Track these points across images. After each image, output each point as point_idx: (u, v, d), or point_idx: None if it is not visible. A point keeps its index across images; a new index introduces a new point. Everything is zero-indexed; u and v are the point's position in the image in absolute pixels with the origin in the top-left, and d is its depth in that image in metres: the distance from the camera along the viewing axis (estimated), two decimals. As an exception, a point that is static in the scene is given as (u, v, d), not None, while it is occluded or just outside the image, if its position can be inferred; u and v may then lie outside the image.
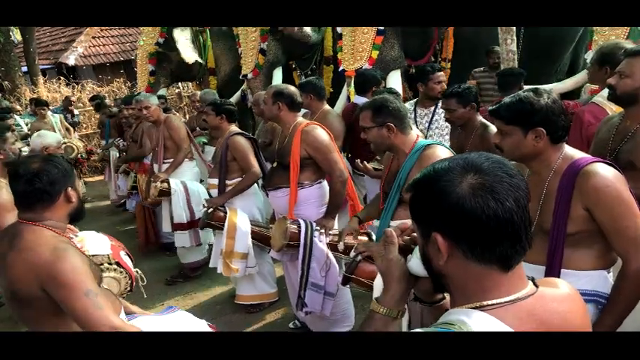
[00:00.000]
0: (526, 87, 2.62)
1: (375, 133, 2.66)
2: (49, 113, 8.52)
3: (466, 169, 1.01)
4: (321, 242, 3.39)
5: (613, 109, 3.08)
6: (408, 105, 4.43)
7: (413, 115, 4.30)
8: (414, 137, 2.68)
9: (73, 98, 9.03)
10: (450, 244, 1.02)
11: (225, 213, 4.02)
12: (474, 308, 1.02)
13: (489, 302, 1.01)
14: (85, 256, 2.09)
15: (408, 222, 1.26)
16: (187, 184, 4.99)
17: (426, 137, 4.13)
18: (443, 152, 2.59)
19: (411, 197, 1.10)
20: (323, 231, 3.41)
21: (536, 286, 1.07)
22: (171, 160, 5.18)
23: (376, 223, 2.89)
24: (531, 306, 1.02)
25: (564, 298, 1.07)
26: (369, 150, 3.09)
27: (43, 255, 1.91)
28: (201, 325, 2.37)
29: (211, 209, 4.05)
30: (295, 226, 3.38)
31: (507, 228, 0.98)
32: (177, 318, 2.40)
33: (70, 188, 2.08)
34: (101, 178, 9.56)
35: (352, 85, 5.56)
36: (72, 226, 2.96)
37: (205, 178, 5.06)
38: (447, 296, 1.20)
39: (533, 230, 2.03)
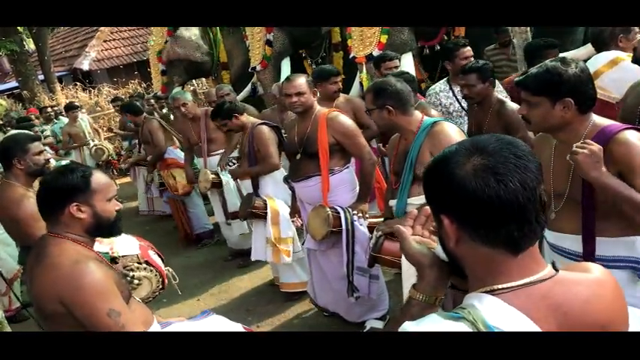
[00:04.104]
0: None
1: (376, 114, 2.78)
2: (79, 117, 8.65)
3: (471, 151, 1.02)
4: (362, 226, 3.40)
5: None
6: (442, 84, 4.35)
7: (451, 94, 4.25)
8: (419, 116, 2.78)
9: (76, 103, 9.12)
10: (457, 226, 1.03)
11: (264, 202, 4.10)
12: (485, 292, 1.02)
13: (501, 286, 1.01)
14: (111, 268, 2.03)
15: (414, 210, 1.29)
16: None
17: (467, 112, 4.13)
18: (451, 128, 2.69)
19: (423, 182, 1.11)
20: (361, 215, 3.42)
21: (556, 270, 1.05)
22: (218, 152, 5.39)
23: (392, 202, 2.92)
24: (546, 290, 1.01)
25: (591, 283, 1.05)
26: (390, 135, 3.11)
27: (63, 270, 1.84)
28: (237, 329, 2.31)
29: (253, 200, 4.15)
30: (335, 213, 3.40)
31: (512, 209, 0.97)
32: (213, 323, 2.34)
33: (75, 204, 1.94)
34: (128, 179, 9.66)
35: (364, 71, 5.55)
36: None
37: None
38: None
39: (565, 200, 2.04)
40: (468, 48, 4.25)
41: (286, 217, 4.08)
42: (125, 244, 2.56)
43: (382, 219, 3.22)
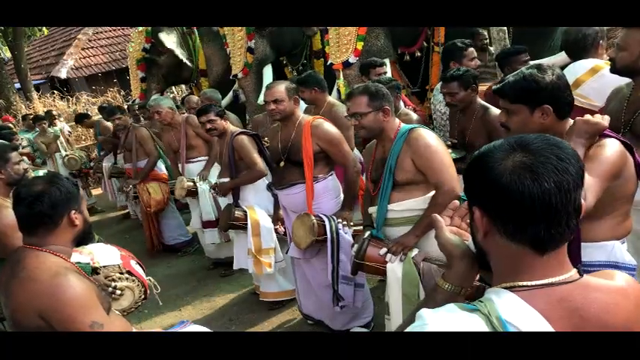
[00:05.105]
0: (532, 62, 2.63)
1: (371, 118, 2.73)
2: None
3: (514, 148, 1.03)
4: (347, 234, 3.38)
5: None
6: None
7: None
8: (397, 122, 2.79)
9: (55, 112, 9.06)
10: (487, 220, 1.05)
11: (245, 212, 4.06)
12: (506, 288, 1.04)
13: (521, 283, 1.02)
14: (91, 281, 2.01)
15: (456, 202, 1.32)
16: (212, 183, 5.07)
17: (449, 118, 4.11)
18: (428, 134, 2.70)
19: (464, 172, 1.13)
20: (345, 223, 3.40)
21: (581, 274, 1.06)
22: (197, 159, 5.39)
23: (372, 209, 2.90)
24: (566, 292, 1.01)
25: (613, 290, 1.04)
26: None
27: (43, 284, 1.82)
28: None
29: (233, 209, 4.11)
30: (320, 221, 3.37)
31: (543, 209, 0.98)
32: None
33: (73, 211, 1.99)
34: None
35: (341, 77, 5.57)
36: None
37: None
38: None
39: None
40: (472, 49, 4.28)
41: (267, 228, 4.05)
42: (106, 254, 2.52)
43: (361, 227, 3.21)
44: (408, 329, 1.02)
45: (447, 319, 0.99)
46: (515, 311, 0.99)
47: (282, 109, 3.48)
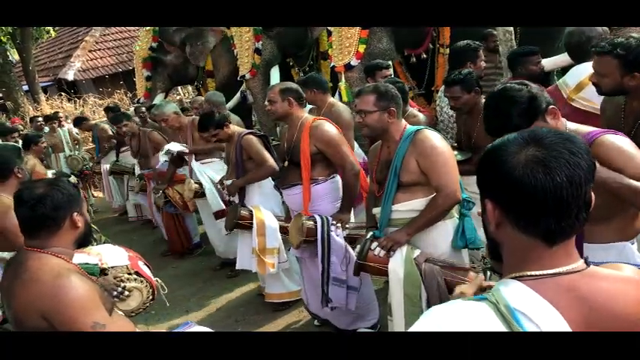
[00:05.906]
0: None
1: (376, 117, 2.73)
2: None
3: (528, 142, 1.04)
4: (339, 236, 3.37)
5: (567, 92, 3.21)
6: None
7: None
8: (403, 124, 2.79)
9: (61, 115, 9.14)
10: (499, 212, 1.06)
11: (250, 212, 4.07)
12: (514, 278, 1.05)
13: (529, 273, 1.04)
14: (93, 282, 2.02)
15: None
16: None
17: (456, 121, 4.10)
18: (434, 135, 2.70)
19: (477, 165, 1.14)
20: (339, 225, 3.39)
21: (588, 264, 1.07)
22: (204, 160, 5.39)
23: (376, 210, 2.90)
24: (573, 282, 1.02)
25: (620, 280, 1.05)
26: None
27: (45, 285, 1.83)
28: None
29: (238, 208, 4.11)
30: (311, 222, 3.36)
31: (554, 202, 0.99)
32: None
33: (75, 213, 2.00)
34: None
35: (343, 80, 5.59)
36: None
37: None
38: None
39: None
40: (481, 51, 4.27)
41: (272, 227, 4.04)
42: (114, 255, 2.53)
43: (364, 229, 3.19)
44: (416, 323, 1.04)
45: (454, 307, 1.01)
46: (524, 299, 1.00)
47: (275, 109, 3.56)
